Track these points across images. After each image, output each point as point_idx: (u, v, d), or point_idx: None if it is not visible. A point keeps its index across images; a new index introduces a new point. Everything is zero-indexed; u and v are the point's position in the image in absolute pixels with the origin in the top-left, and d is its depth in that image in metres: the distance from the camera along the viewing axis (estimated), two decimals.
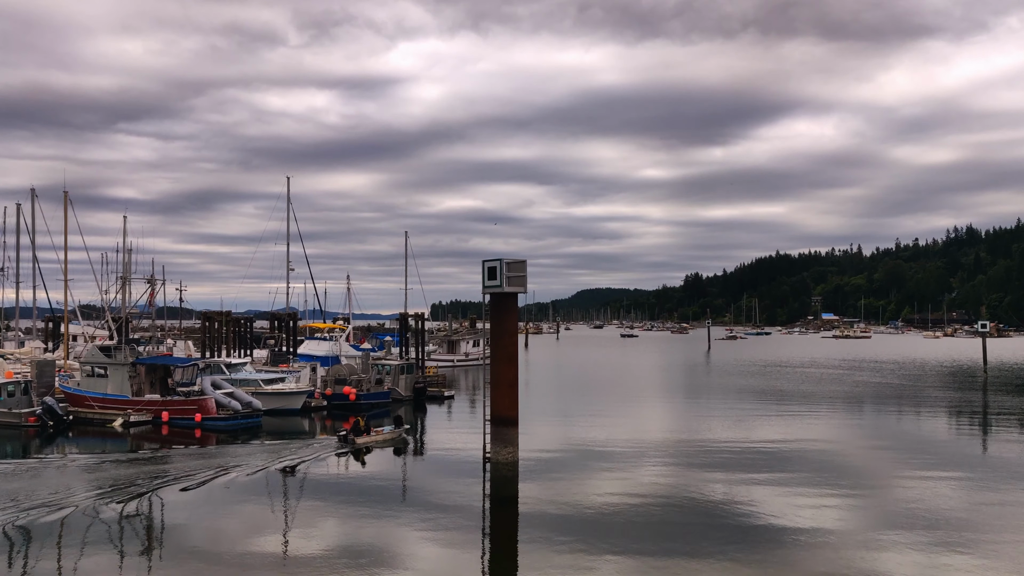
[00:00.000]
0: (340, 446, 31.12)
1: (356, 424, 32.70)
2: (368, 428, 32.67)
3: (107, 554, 17.67)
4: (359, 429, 32.13)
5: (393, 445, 32.31)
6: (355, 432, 31.84)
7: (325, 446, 31.74)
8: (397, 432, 33.72)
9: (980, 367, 72.33)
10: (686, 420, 40.90)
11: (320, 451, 30.69)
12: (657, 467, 27.78)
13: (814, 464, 28.08)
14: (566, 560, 17.08)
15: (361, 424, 32.64)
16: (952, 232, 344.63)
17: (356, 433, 31.80)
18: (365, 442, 31.52)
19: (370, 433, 32.34)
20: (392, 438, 33.08)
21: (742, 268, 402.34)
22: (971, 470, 27.32)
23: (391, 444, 32.41)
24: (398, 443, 32.75)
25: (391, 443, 32.52)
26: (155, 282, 48.55)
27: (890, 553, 17.52)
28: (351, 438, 31.38)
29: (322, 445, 32.12)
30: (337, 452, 30.33)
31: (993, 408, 46.99)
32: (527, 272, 22.97)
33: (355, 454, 30.17)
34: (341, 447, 30.97)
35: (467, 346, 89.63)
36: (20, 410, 37.74)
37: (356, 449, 30.70)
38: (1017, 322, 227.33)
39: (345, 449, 30.68)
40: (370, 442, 31.74)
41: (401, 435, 33.78)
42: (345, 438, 31.53)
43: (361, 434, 31.88)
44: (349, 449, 30.67)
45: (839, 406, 47.18)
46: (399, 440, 33.15)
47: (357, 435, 31.66)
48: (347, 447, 30.88)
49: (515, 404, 22.97)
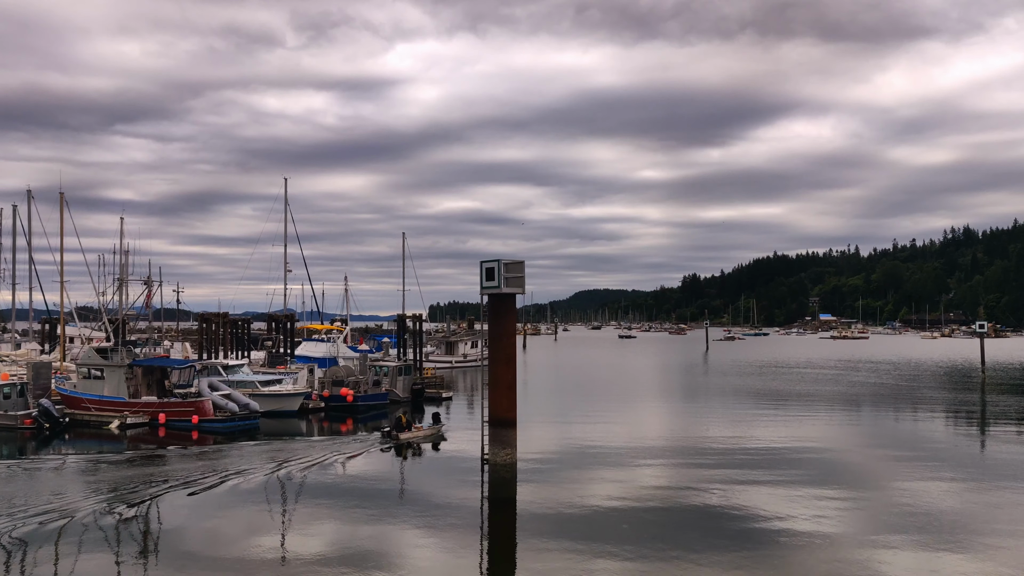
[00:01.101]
0: (384, 441, 32.71)
1: (399, 421, 34.19)
2: (410, 425, 34.19)
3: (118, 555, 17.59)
4: (401, 426, 33.63)
5: (432, 441, 33.45)
6: (398, 428, 33.37)
7: (371, 442, 33.05)
8: (436, 429, 35.02)
9: (977, 368, 72.41)
10: (684, 421, 40.87)
11: (368, 446, 32.19)
12: (655, 468, 27.75)
13: (812, 465, 28.05)
14: (564, 562, 17.02)
15: (403, 421, 34.18)
16: (949, 233, 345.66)
17: (399, 429, 33.32)
18: (407, 438, 33.01)
19: (411, 430, 33.78)
20: (431, 434, 34.30)
21: (740, 269, 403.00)
22: (969, 470, 27.30)
23: (431, 440, 33.54)
24: (436, 439, 33.86)
25: (431, 439, 33.67)
26: (152, 284, 48.54)
27: (888, 554, 17.49)
28: (394, 434, 32.93)
29: (367, 441, 33.53)
30: (381, 447, 31.83)
31: (991, 409, 47.02)
32: (525, 273, 22.94)
33: (397, 449, 31.60)
34: (385, 442, 32.54)
35: (465, 347, 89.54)
36: (16, 412, 37.62)
37: (399, 444, 32.20)
38: (1014, 322, 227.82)
39: (388, 444, 32.23)
40: (411, 438, 33.19)
41: (439, 431, 34.99)
42: (388, 434, 33.13)
43: (404, 430, 33.34)
44: (392, 444, 32.22)
45: (837, 407, 47.17)
46: (437, 436, 34.29)
47: (400, 431, 33.18)
48: (390, 442, 32.46)
49: (513, 405, 22.93)
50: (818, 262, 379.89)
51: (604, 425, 38.82)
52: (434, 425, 35.29)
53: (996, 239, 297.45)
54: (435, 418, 36.36)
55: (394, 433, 32.97)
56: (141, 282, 47.72)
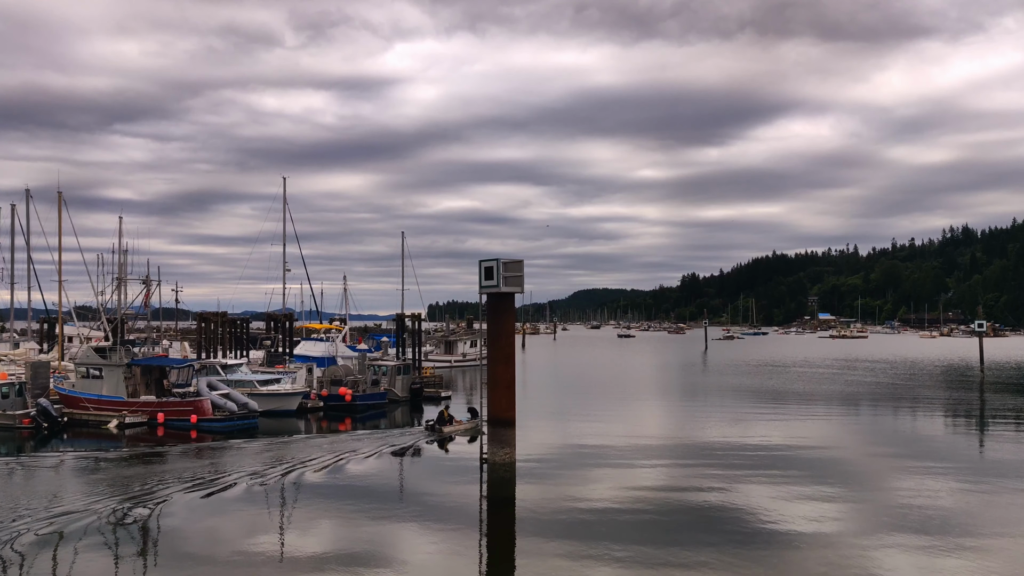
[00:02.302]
0: (428, 434, 34.60)
1: (441, 415, 36.33)
2: (451, 419, 36.10)
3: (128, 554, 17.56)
4: (444, 419, 35.72)
5: (471, 434, 34.77)
6: (440, 422, 35.46)
7: (417, 435, 35.04)
8: (474, 422, 36.11)
9: (976, 367, 72.44)
10: (683, 420, 40.87)
11: (416, 439, 33.95)
12: (654, 467, 27.74)
13: (810, 464, 28.03)
14: (563, 561, 17.01)
15: (445, 415, 36.27)
16: (948, 232, 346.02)
17: (441, 423, 35.41)
18: (450, 431, 35.10)
19: (452, 423, 35.71)
20: (470, 427, 35.82)
21: (739, 268, 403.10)
22: (967, 470, 27.31)
23: (470, 433, 35.00)
24: (475, 432, 34.80)
25: (470, 432, 35.15)
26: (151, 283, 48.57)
27: (886, 553, 17.48)
28: (437, 427, 34.97)
29: (414, 434, 35.41)
30: (427, 440, 33.73)
31: (990, 408, 47.03)
32: (524, 272, 22.90)
33: (440, 442, 33.35)
34: (429, 435, 34.44)
35: (464, 347, 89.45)
36: (14, 412, 37.58)
37: (442, 438, 34.06)
38: (1013, 322, 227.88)
39: (432, 437, 34.08)
40: (453, 431, 35.23)
41: (477, 424, 35.95)
42: (432, 427, 35.13)
43: (446, 423, 35.43)
44: (436, 437, 34.05)
45: (835, 406, 47.19)
46: (475, 429, 35.28)
47: (442, 424, 35.28)
48: (434, 435, 34.31)
49: (512, 405, 22.90)
50: (817, 261, 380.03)
51: (603, 424, 38.81)
52: (472, 419, 36.38)
53: (995, 238, 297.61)
54: (472, 412, 37.04)
55: (437, 427, 34.84)
56: (140, 281, 47.80)
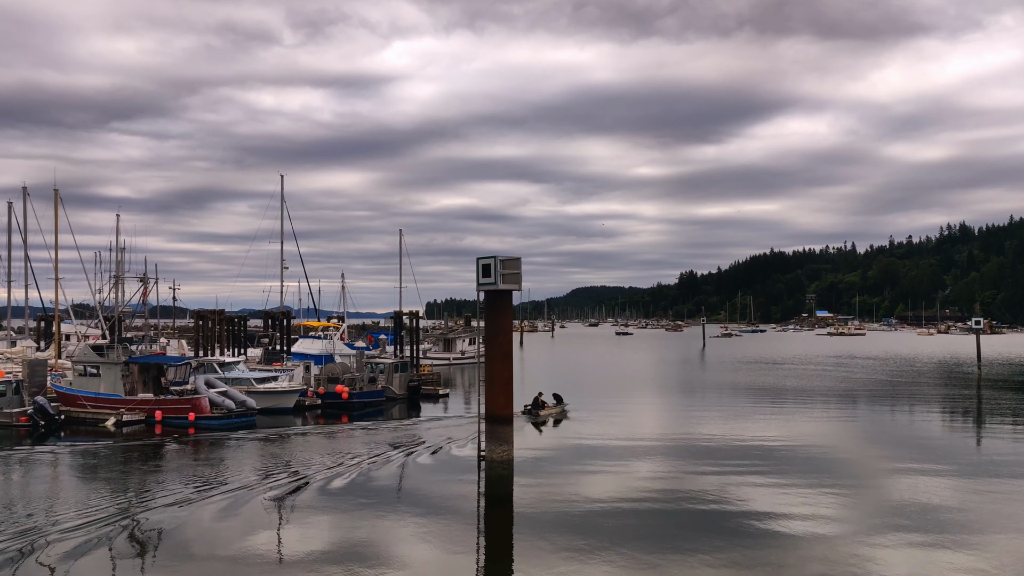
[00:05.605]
0: (528, 417, 38.71)
1: (536, 400, 40.74)
2: (544, 404, 40.74)
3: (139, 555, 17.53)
4: (538, 404, 40.41)
5: (559, 418, 39.64)
6: (536, 407, 40.16)
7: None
8: (561, 407, 41.64)
9: (974, 364, 72.54)
10: (681, 417, 40.87)
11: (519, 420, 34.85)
12: (652, 464, 27.74)
13: (808, 461, 28.05)
14: (561, 558, 16.99)
15: (540, 400, 40.81)
16: (945, 229, 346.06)
17: (537, 407, 40.12)
18: (546, 414, 39.85)
19: (544, 408, 40.35)
20: (559, 411, 40.99)
21: (736, 266, 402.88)
22: (964, 467, 27.32)
23: (559, 416, 39.99)
24: (562, 416, 40.13)
25: (559, 415, 40.18)
26: (148, 281, 48.37)
27: (884, 550, 17.48)
28: (535, 412, 39.68)
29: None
30: (528, 421, 37.82)
31: (987, 404, 47.09)
32: (522, 270, 22.87)
33: (535, 424, 37.40)
34: (530, 417, 38.82)
35: (462, 344, 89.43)
36: (11, 410, 37.50)
37: (537, 420, 38.51)
38: (1010, 319, 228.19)
39: (532, 419, 38.47)
40: (547, 414, 39.95)
41: (563, 409, 41.44)
42: (530, 411, 39.53)
43: (541, 407, 40.21)
44: (534, 420, 38.53)
45: (833, 403, 47.21)
46: (562, 413, 40.73)
47: (538, 409, 39.98)
48: (532, 418, 38.89)
49: (510, 402, 22.92)
50: (815, 259, 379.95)
51: (601, 422, 38.79)
52: (558, 404, 41.62)
53: (992, 235, 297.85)
54: (557, 399, 42.39)
55: (534, 411, 39.58)
56: (137, 279, 47.70)
